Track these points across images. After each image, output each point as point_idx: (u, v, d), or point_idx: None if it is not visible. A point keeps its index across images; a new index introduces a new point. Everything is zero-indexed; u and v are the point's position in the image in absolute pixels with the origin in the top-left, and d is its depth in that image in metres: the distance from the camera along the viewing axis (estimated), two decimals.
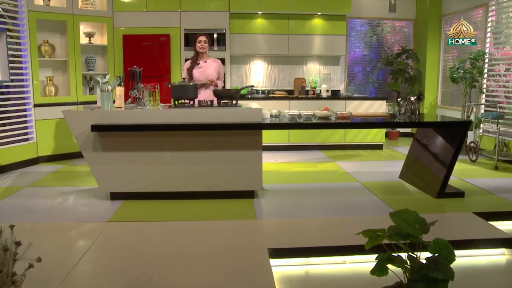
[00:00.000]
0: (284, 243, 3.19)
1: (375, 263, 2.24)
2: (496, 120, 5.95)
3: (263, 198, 4.36)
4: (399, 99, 4.68)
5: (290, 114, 4.53)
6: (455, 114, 7.35)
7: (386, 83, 8.25)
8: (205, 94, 4.85)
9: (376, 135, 7.12)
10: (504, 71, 6.75)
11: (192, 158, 4.24)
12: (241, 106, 4.44)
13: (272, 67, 7.65)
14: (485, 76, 6.72)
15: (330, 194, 4.60)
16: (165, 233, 3.41)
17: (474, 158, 6.09)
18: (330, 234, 3.41)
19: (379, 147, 7.21)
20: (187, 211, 4.00)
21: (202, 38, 4.91)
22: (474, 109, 6.58)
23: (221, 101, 4.53)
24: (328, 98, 7.16)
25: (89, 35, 6.47)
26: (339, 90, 7.72)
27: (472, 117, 6.72)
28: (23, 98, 5.79)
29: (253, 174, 4.31)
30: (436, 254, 2.24)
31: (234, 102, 4.53)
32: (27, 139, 5.84)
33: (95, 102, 6.14)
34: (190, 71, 4.95)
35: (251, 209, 4.04)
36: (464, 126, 4.27)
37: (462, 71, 6.50)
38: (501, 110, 6.24)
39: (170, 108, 4.23)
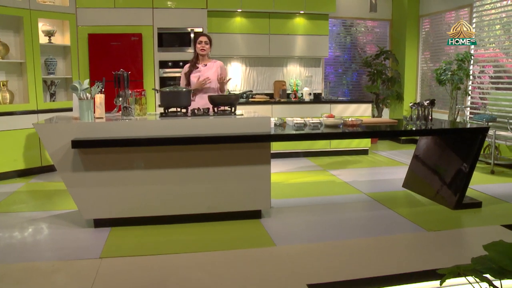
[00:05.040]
0: (323, 276, 2.73)
1: None
2: (487, 123, 5.82)
3: (271, 218, 3.87)
4: (411, 104, 4.36)
5: (296, 123, 4.07)
6: (437, 116, 7.22)
7: (365, 85, 8.01)
8: (202, 101, 4.27)
9: (362, 141, 6.84)
10: (479, 73, 6.71)
11: (190, 176, 3.68)
12: (242, 114, 3.94)
13: (250, 69, 7.17)
14: (471, 78, 6.62)
15: (342, 209, 4.20)
16: (178, 270, 2.84)
17: None
18: (369, 260, 2.98)
19: (364, 152, 6.93)
20: (190, 238, 3.43)
21: (203, 38, 4.32)
22: (467, 112, 6.47)
23: (218, 109, 4.01)
24: (311, 102, 6.78)
25: (49, 34, 5.67)
26: (321, 93, 7.38)
27: (458, 120, 6.61)
28: None
29: (260, 192, 3.80)
30: None
31: (232, 109, 4.01)
32: None
33: (58, 110, 5.42)
34: (187, 75, 4.35)
35: (263, 232, 3.54)
36: (483, 132, 4.02)
37: (449, 73, 6.34)
38: (489, 112, 6.13)
39: (161, 118, 3.64)
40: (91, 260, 2.99)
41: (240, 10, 6.56)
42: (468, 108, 6.67)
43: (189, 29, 6.25)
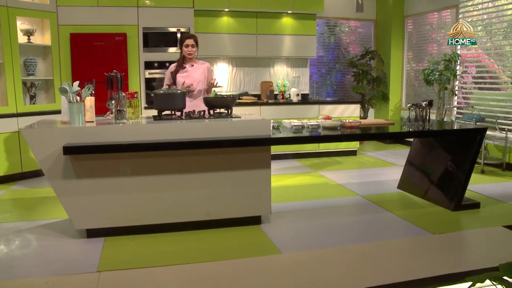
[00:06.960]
0: (336, 284, 2.63)
1: None
2: (476, 123, 5.86)
3: (271, 224, 3.75)
4: (409, 105, 4.32)
5: (294, 125, 3.97)
6: None
7: (351, 86, 7.98)
8: (189, 105, 4.11)
9: (351, 141, 6.79)
10: (462, 73, 6.76)
11: (187, 181, 3.52)
12: (239, 116, 3.81)
13: (237, 69, 7.02)
14: (458, 78, 6.67)
15: (342, 212, 4.11)
16: (185, 283, 2.69)
17: None
18: (382, 265, 2.90)
19: (353, 153, 6.90)
20: (190, 247, 3.27)
21: (190, 42, 4.17)
22: (455, 111, 6.51)
23: (214, 111, 3.87)
24: (299, 102, 6.71)
25: (28, 33, 5.39)
26: (308, 94, 7.30)
27: (445, 119, 6.64)
28: None
29: (260, 197, 3.68)
30: None
31: (229, 112, 3.87)
32: None
33: (39, 113, 5.16)
34: (174, 75, 4.21)
35: (265, 239, 3.42)
36: (481, 132, 4.01)
37: (437, 73, 6.37)
38: (477, 112, 6.18)
39: (156, 122, 3.47)
40: (88, 274, 2.80)
41: (227, 10, 6.42)
42: (455, 108, 6.71)
43: (175, 29, 6.07)
